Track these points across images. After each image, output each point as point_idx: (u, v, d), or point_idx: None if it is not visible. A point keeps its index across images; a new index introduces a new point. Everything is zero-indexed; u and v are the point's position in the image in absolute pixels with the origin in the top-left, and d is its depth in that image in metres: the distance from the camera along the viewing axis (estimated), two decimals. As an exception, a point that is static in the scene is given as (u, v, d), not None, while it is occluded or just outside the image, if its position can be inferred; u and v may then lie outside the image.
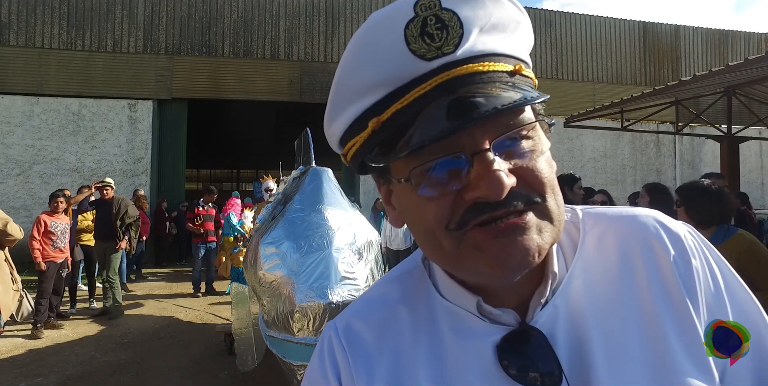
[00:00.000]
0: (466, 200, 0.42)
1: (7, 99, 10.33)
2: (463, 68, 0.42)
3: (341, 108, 0.47)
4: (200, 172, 26.97)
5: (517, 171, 0.43)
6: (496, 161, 0.41)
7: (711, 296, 0.49)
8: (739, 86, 7.42)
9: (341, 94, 0.47)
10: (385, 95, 0.44)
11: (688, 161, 13.42)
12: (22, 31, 10.53)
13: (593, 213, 0.55)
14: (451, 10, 0.42)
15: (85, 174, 10.44)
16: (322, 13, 11.68)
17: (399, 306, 0.54)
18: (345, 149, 0.50)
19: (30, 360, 4.41)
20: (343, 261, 2.80)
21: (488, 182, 0.40)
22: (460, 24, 0.42)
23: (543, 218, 0.44)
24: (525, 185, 0.43)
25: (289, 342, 2.70)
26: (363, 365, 0.51)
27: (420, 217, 0.45)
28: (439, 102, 0.42)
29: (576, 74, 12.83)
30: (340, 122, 0.48)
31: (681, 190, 2.60)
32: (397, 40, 0.42)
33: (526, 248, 0.42)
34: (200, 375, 4.02)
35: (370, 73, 0.44)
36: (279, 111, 13.56)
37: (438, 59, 0.42)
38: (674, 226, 0.52)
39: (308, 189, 3.25)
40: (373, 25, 0.44)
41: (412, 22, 0.42)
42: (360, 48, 0.45)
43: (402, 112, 0.43)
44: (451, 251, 0.44)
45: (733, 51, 13.82)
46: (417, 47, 0.42)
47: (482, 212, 0.42)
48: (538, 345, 0.46)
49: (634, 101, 7.75)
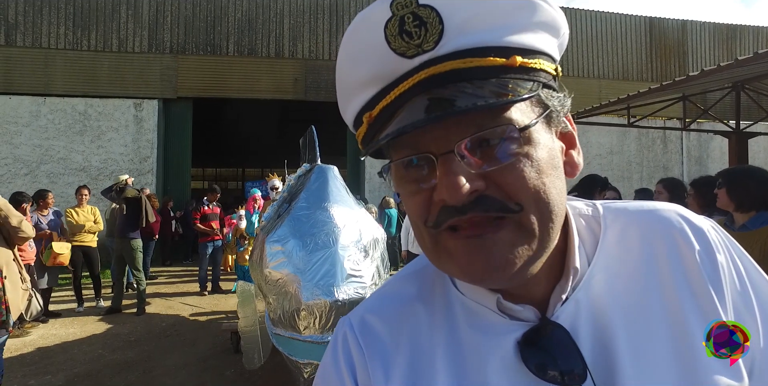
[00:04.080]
0: (435, 200, 0.42)
1: (14, 99, 10.40)
2: (442, 66, 0.41)
3: (345, 103, 0.49)
4: (205, 171, 27.06)
5: (491, 175, 0.41)
6: (456, 164, 0.40)
7: (737, 293, 0.48)
8: (748, 81, 7.33)
9: (342, 91, 0.49)
10: (377, 92, 0.45)
11: (696, 157, 13.29)
12: (29, 31, 10.58)
13: (614, 208, 0.54)
14: (429, 6, 0.41)
15: (92, 174, 10.51)
16: (326, 11, 11.66)
17: (415, 302, 0.53)
18: (356, 137, 0.52)
19: (39, 358, 4.44)
20: (349, 259, 2.79)
21: (446, 184, 0.40)
22: (439, 20, 0.41)
23: (519, 230, 0.41)
24: (499, 191, 0.41)
25: (295, 339, 2.69)
26: (379, 361, 0.50)
27: (408, 209, 0.46)
28: (417, 99, 0.42)
29: (582, 70, 12.73)
30: (348, 114, 0.50)
31: (723, 173, 2.54)
32: (379, 40, 0.43)
33: (490, 260, 0.41)
34: (207, 373, 4.03)
35: (362, 72, 0.45)
36: (284, 109, 13.58)
37: (419, 57, 0.42)
38: (698, 220, 0.51)
39: (314, 187, 3.24)
40: (356, 25, 0.45)
41: (390, 21, 0.42)
42: (348, 48, 0.46)
43: (387, 108, 0.44)
44: (431, 247, 0.45)
45: (741, 45, 13.65)
46: (397, 46, 0.42)
47: (450, 215, 0.41)
48: (561, 340, 0.45)
49: (640, 97, 7.68)
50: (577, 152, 0.50)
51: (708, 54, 13.52)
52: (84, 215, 6.42)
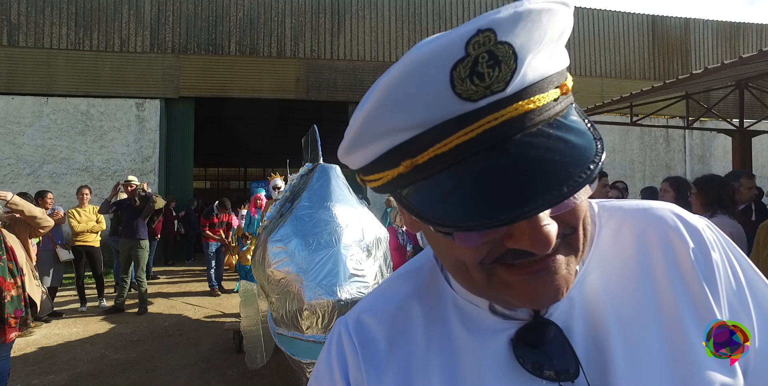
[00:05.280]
0: (506, 246, 0.40)
1: (17, 100, 10.42)
2: (513, 108, 0.36)
3: (364, 144, 0.41)
4: (207, 171, 27.10)
5: (560, 215, 0.40)
6: (544, 219, 0.38)
7: (733, 292, 0.48)
8: (752, 79, 7.29)
9: (367, 132, 0.40)
10: (419, 133, 0.38)
11: (699, 156, 13.25)
12: (31, 32, 10.61)
13: (608, 206, 0.54)
14: (507, 43, 0.35)
15: (94, 173, 10.53)
16: (327, 11, 11.65)
17: (411, 301, 0.53)
18: (366, 178, 0.44)
19: (42, 357, 4.45)
20: (351, 258, 2.78)
21: (535, 239, 0.38)
22: (514, 57, 0.35)
23: (570, 251, 0.42)
24: (563, 224, 0.41)
25: (297, 339, 2.69)
26: (373, 360, 0.50)
27: (451, 251, 0.42)
28: (486, 158, 0.36)
29: (584, 69, 12.70)
30: (360, 155, 0.42)
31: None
32: (441, 82, 0.35)
33: (556, 287, 0.41)
34: (209, 372, 4.04)
35: (405, 117, 0.37)
36: (285, 109, 13.58)
37: (485, 99, 0.36)
38: (692, 219, 0.51)
39: (316, 186, 3.23)
40: (413, 66, 0.36)
41: (462, 63, 0.35)
42: (392, 90, 0.37)
43: (441, 158, 0.37)
44: (481, 283, 0.43)
45: (745, 43, 13.59)
46: (463, 90, 0.35)
47: (521, 256, 0.40)
48: (554, 338, 0.45)
49: (643, 96, 7.65)
50: None
51: (711, 52, 13.47)
52: (86, 215, 6.42)
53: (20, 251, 3.26)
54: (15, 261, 3.12)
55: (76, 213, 6.35)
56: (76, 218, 6.29)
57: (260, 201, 6.56)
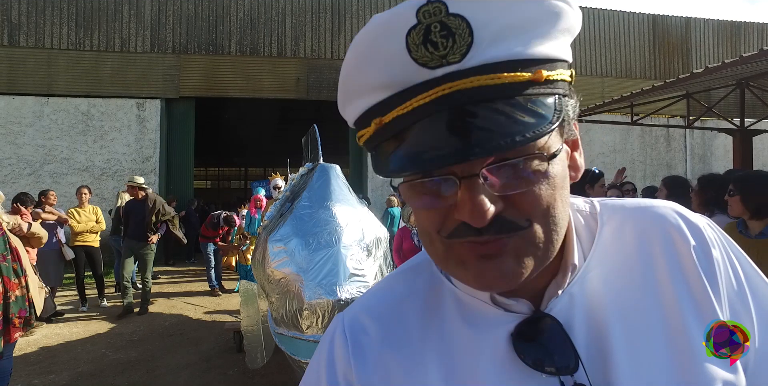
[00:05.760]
0: (455, 218, 0.41)
1: (18, 100, 10.43)
2: (469, 81, 0.38)
3: (349, 100, 0.46)
4: (208, 170, 27.13)
5: (510, 196, 0.41)
6: (480, 188, 0.39)
7: (733, 292, 0.48)
8: (753, 78, 7.28)
9: (346, 90, 0.46)
10: (388, 96, 0.42)
11: (699, 155, 13.24)
12: (32, 32, 10.61)
13: (610, 205, 0.54)
14: (459, 16, 0.38)
15: (95, 174, 10.54)
16: (328, 10, 11.65)
17: (408, 297, 0.54)
18: (357, 135, 0.49)
19: (43, 357, 4.46)
20: (351, 258, 2.78)
21: (471, 209, 0.39)
22: (469, 31, 0.38)
23: (525, 245, 0.42)
24: (515, 210, 0.41)
25: (298, 339, 2.69)
26: (363, 356, 0.51)
27: (418, 218, 0.46)
28: (438, 117, 0.39)
29: (584, 68, 12.69)
30: (349, 112, 0.47)
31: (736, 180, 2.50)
32: (398, 47, 0.40)
33: (502, 273, 0.42)
34: (209, 372, 4.04)
35: (373, 76, 0.42)
36: (286, 108, 13.58)
37: (442, 68, 0.39)
38: (694, 217, 0.52)
39: (316, 186, 3.23)
40: (373, 29, 0.41)
41: (414, 30, 0.39)
42: (361, 50, 0.43)
43: (402, 118, 0.41)
44: (442, 254, 0.44)
45: (746, 43, 13.57)
46: (419, 56, 0.39)
47: (466, 234, 0.41)
48: (554, 333, 0.45)
49: (643, 95, 7.63)
50: (579, 154, 0.49)
51: (712, 51, 13.45)
52: (86, 215, 6.40)
53: (24, 252, 3.28)
54: (19, 262, 3.13)
55: (75, 213, 6.34)
56: (75, 218, 6.28)
57: (260, 202, 6.56)
